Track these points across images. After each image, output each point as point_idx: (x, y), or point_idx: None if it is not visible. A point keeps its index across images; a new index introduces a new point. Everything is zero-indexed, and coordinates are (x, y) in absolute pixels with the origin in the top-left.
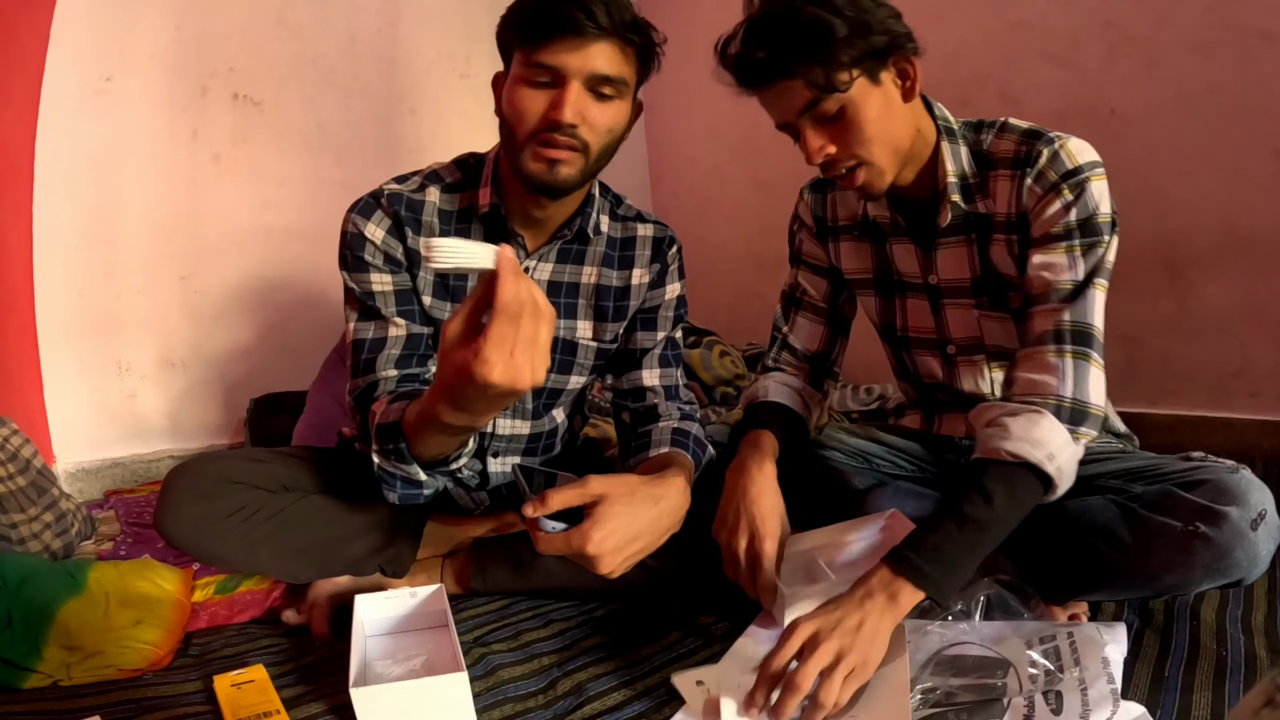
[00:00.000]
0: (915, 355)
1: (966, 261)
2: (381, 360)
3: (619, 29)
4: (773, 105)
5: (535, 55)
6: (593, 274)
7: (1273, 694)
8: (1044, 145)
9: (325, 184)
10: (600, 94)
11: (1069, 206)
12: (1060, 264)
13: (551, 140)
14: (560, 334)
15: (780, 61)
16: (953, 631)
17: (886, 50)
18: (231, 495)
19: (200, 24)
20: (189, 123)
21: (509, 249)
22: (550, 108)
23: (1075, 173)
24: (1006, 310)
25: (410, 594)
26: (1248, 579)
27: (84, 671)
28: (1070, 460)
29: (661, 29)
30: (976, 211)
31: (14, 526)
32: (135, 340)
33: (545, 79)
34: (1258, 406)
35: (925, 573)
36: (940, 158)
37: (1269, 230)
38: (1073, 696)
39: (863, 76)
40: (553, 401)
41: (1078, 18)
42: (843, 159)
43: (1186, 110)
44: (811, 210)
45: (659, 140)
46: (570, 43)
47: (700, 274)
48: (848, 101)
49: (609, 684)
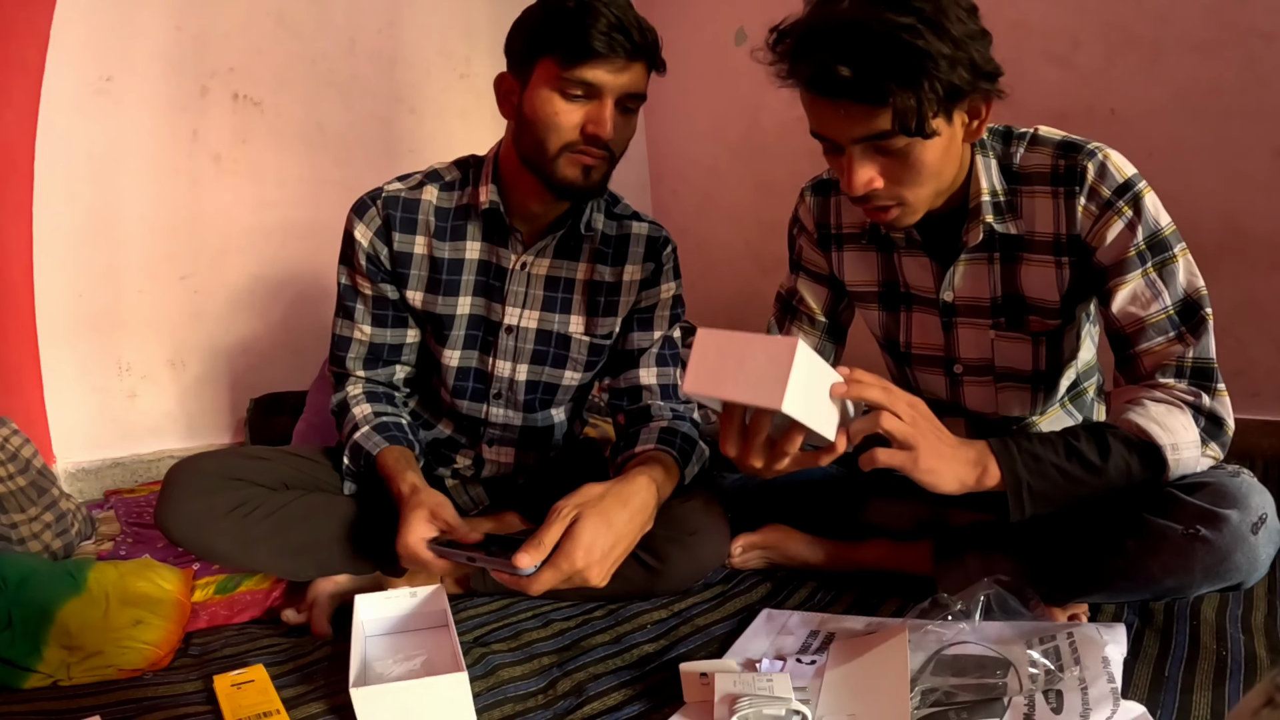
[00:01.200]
0: (918, 372)
1: (987, 281)
2: (350, 360)
3: (648, 51)
4: (829, 118)
5: (576, 72)
6: (586, 270)
7: (1273, 694)
8: (1087, 159)
9: (325, 184)
10: (627, 109)
11: (1133, 226)
12: (1144, 295)
13: (589, 151)
14: (554, 328)
15: (869, 86)
16: (952, 631)
17: (974, 89)
18: (231, 492)
19: (200, 24)
20: (189, 123)
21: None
22: (589, 122)
23: (1129, 186)
24: (1025, 332)
25: (410, 594)
26: (1247, 583)
27: (84, 671)
28: (1192, 460)
29: (663, 29)
30: (1007, 232)
31: (14, 526)
32: (135, 340)
33: (580, 93)
34: (1258, 406)
35: (1017, 471)
36: (974, 174)
37: (1269, 230)
38: (1073, 696)
39: (941, 119)
40: (549, 398)
41: (1078, 17)
42: (885, 197)
43: (1187, 110)
44: (814, 214)
45: (659, 139)
46: (613, 64)
47: (700, 273)
48: (917, 141)
49: (609, 684)
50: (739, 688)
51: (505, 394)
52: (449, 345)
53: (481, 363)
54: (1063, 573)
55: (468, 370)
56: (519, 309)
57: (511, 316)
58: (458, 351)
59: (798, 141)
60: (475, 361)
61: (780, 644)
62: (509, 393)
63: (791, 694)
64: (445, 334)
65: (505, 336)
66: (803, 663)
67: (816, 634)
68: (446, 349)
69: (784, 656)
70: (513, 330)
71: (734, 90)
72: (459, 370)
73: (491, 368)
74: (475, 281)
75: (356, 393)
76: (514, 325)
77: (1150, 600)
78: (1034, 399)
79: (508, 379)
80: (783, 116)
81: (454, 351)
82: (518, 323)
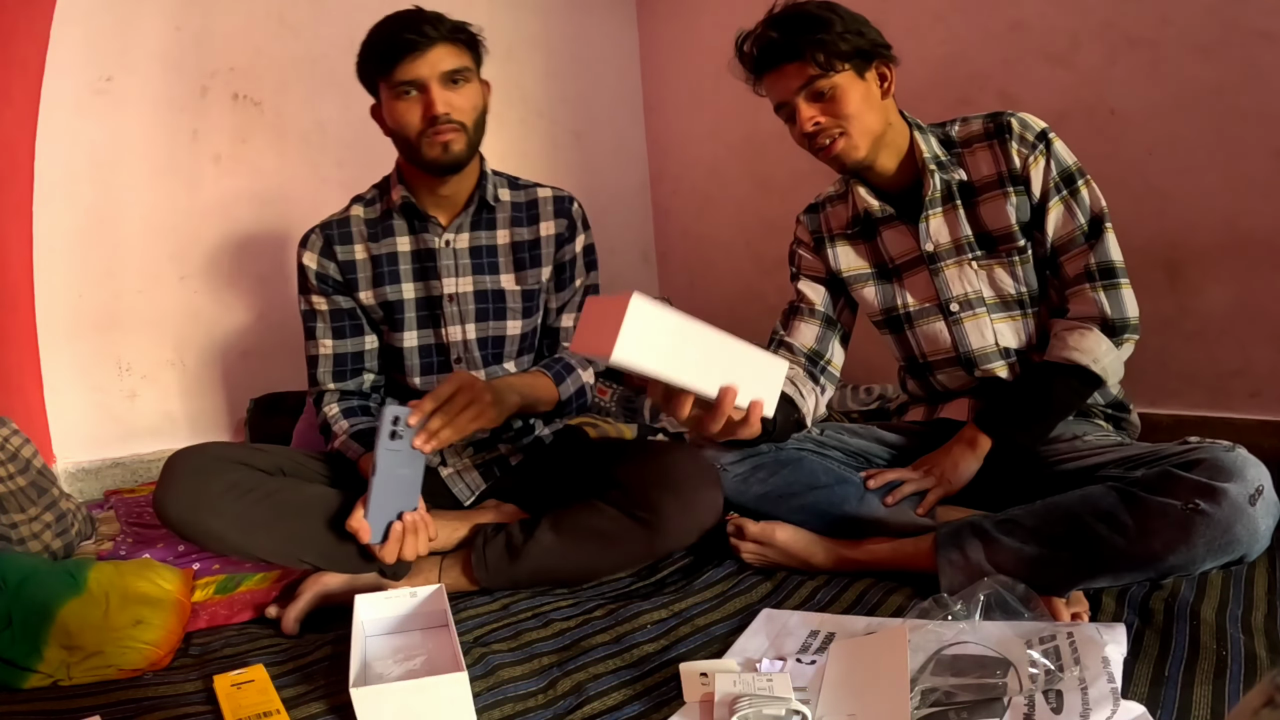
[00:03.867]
0: (919, 329)
1: (958, 225)
2: (321, 374)
3: (446, 34)
4: (775, 85)
5: (395, 76)
6: (506, 234)
7: (1273, 694)
8: (1008, 116)
9: (325, 184)
10: (454, 82)
11: (1049, 165)
12: (1063, 215)
13: (438, 130)
14: (488, 286)
15: (790, 44)
16: (952, 631)
17: (872, 54)
18: (228, 472)
19: (200, 24)
20: (189, 123)
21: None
22: (425, 109)
23: (1043, 135)
24: (1000, 257)
25: (410, 594)
26: (1250, 555)
27: (84, 671)
28: (1115, 361)
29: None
30: (959, 179)
31: (14, 526)
32: (135, 340)
33: (410, 90)
34: (1258, 407)
35: (999, 427)
36: (915, 145)
37: (1269, 230)
38: (1073, 695)
39: (851, 70)
40: (499, 350)
41: (1078, 18)
42: (828, 128)
43: (1187, 110)
44: (809, 229)
45: (659, 140)
46: (415, 57)
47: (700, 273)
48: (837, 84)
49: (609, 684)
50: (739, 688)
51: (463, 356)
52: (405, 328)
53: (436, 336)
54: (1066, 559)
55: (427, 347)
56: (454, 279)
57: (449, 286)
58: (414, 332)
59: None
60: (431, 338)
61: (780, 644)
62: (465, 355)
63: (791, 694)
64: (399, 318)
65: (449, 305)
66: (803, 663)
67: (816, 634)
68: (404, 332)
69: (784, 656)
70: (454, 298)
71: (734, 91)
72: (420, 349)
73: (445, 337)
74: (412, 269)
75: (334, 412)
76: (454, 293)
77: (1156, 580)
78: (1024, 330)
79: (460, 341)
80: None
81: (410, 333)
82: (455, 290)
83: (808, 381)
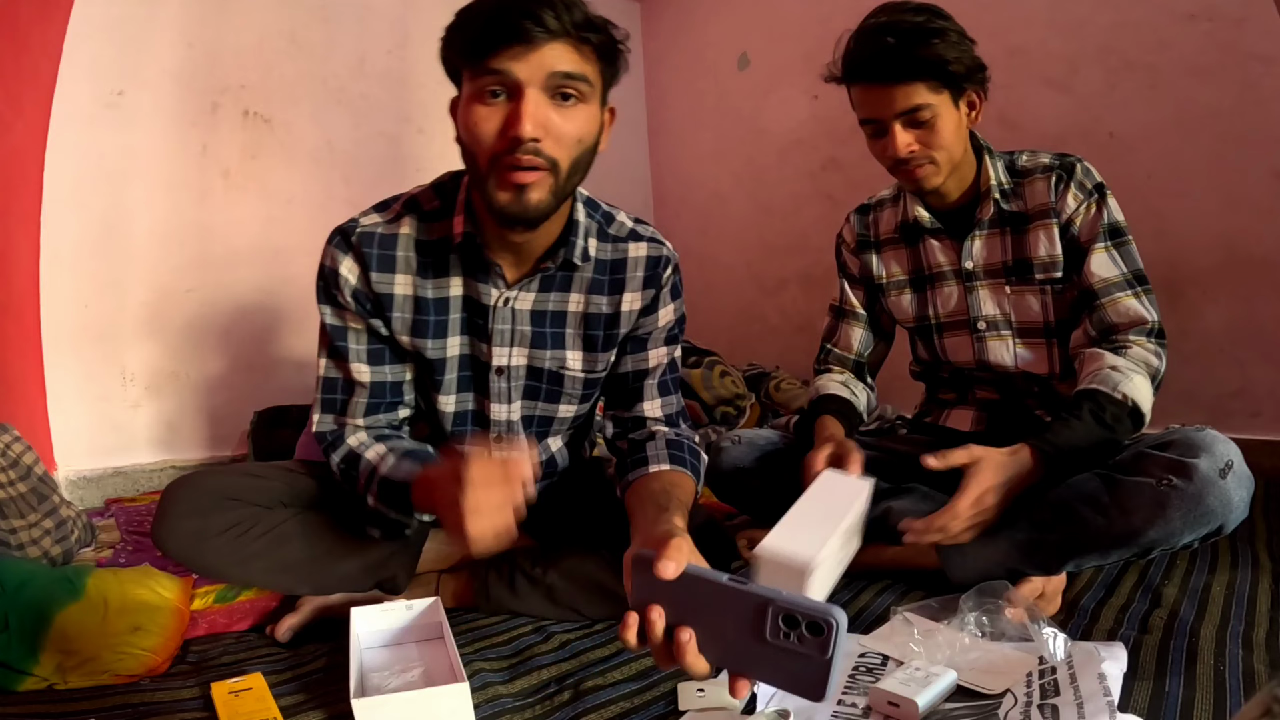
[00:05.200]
0: (946, 339)
1: (1000, 249)
2: (351, 407)
3: (571, 29)
4: (874, 101)
5: (484, 65)
6: (580, 301)
7: (1271, 704)
8: (1076, 161)
9: (333, 201)
10: (563, 94)
11: (1100, 214)
12: (1107, 261)
13: (516, 162)
14: (546, 365)
15: (907, 60)
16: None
17: (973, 78)
18: (227, 511)
19: (212, 41)
20: (199, 138)
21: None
22: (506, 124)
23: (1101, 187)
24: (1033, 284)
25: (406, 606)
26: (1227, 526)
27: (80, 676)
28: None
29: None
30: (1012, 210)
31: (13, 532)
32: (140, 351)
33: (498, 92)
34: (1258, 426)
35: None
36: (984, 168)
37: (1268, 251)
38: (1069, 711)
39: (949, 94)
40: (544, 429)
41: (1076, 43)
42: (920, 157)
43: (1185, 133)
44: (855, 230)
45: (662, 161)
46: (519, 49)
47: (702, 294)
48: (938, 114)
49: (608, 696)
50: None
51: (504, 436)
52: (444, 390)
53: (479, 404)
54: (1055, 540)
55: (465, 414)
56: (506, 348)
57: (499, 357)
58: (453, 396)
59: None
60: (472, 404)
61: None
62: (507, 434)
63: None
64: (439, 379)
65: (496, 379)
66: None
67: None
68: (441, 395)
69: None
70: (503, 371)
71: (737, 114)
72: (456, 415)
73: (487, 409)
74: (462, 320)
75: (362, 439)
76: (504, 366)
77: (1139, 556)
78: (1049, 356)
79: (504, 421)
80: (784, 141)
81: (449, 397)
82: (507, 363)
83: (858, 382)
